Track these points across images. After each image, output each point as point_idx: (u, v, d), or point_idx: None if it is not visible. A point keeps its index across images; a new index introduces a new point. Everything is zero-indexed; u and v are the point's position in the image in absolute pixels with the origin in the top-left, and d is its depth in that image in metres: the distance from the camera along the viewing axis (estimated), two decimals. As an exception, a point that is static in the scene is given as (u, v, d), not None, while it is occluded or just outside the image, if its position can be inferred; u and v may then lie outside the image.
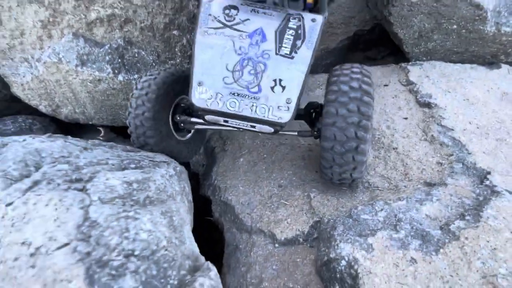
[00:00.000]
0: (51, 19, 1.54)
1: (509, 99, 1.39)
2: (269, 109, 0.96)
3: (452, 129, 1.22)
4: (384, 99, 1.60)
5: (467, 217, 0.81)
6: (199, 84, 0.98)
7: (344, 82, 0.96)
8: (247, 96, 0.96)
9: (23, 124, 2.14)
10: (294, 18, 1.00)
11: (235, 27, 1.01)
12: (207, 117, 1.00)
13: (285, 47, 0.98)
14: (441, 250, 0.74)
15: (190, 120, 1.23)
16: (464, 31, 1.70)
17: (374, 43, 2.74)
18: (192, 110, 1.25)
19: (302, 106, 1.15)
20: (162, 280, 0.49)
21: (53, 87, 1.82)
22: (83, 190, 0.59)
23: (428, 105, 1.44)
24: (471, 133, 1.19)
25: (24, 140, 0.67)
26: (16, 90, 1.92)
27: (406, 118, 1.42)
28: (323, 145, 0.95)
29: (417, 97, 1.52)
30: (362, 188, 1.10)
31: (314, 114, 1.14)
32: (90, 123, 2.03)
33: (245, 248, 1.00)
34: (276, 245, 0.98)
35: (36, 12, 1.52)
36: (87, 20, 1.52)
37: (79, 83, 1.73)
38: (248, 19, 1.02)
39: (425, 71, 1.72)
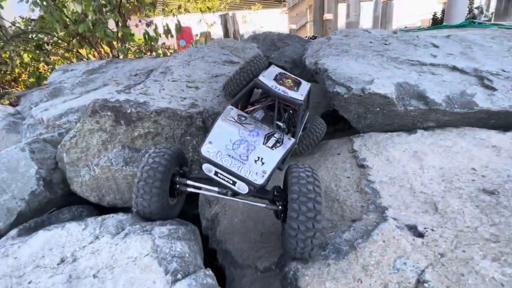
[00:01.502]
0: (108, 139, 2.36)
1: (417, 156, 1.99)
2: (250, 172, 1.32)
3: (374, 182, 1.80)
4: (336, 165, 2.23)
5: (364, 236, 1.33)
6: (210, 142, 1.38)
7: (301, 171, 1.32)
8: (238, 160, 1.34)
9: (75, 212, 2.80)
10: (279, 134, 1.56)
11: (242, 124, 1.51)
12: (204, 165, 1.35)
13: (270, 143, 1.45)
14: (346, 257, 1.25)
15: (185, 182, 1.53)
16: (385, 111, 2.42)
17: (341, 118, 3.53)
18: (185, 176, 1.59)
19: (269, 188, 1.55)
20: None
21: (103, 182, 2.54)
22: (150, 232, 1.22)
23: (363, 166, 2.05)
24: (384, 183, 1.76)
25: (113, 216, 1.34)
26: (75, 187, 2.63)
27: (348, 177, 2.02)
28: (291, 215, 1.22)
29: (357, 161, 2.14)
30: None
31: (276, 195, 1.51)
32: (125, 206, 2.69)
33: (238, 278, 1.50)
34: (258, 273, 1.48)
35: (100, 136, 2.36)
36: (131, 136, 2.33)
37: (122, 177, 2.46)
38: (250, 124, 1.53)
39: (364, 140, 2.39)
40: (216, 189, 1.44)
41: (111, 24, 6.24)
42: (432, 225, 1.33)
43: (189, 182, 1.55)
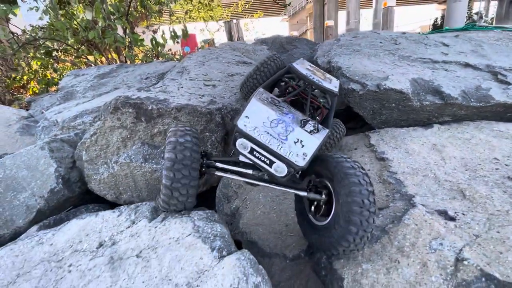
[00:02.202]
0: (128, 136, 2.39)
1: (436, 148, 2.02)
2: (290, 152, 1.17)
3: (396, 173, 1.82)
4: (354, 158, 2.25)
5: (395, 221, 1.34)
6: (246, 117, 1.22)
7: (350, 162, 1.18)
8: (276, 139, 1.19)
9: (92, 211, 2.81)
10: (313, 122, 1.38)
11: (276, 106, 1.37)
12: (239, 140, 1.18)
13: (307, 128, 1.31)
14: (379, 240, 1.26)
15: (215, 165, 1.34)
16: (400, 107, 2.46)
17: (352, 117, 3.57)
18: (208, 158, 1.41)
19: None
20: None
21: (121, 179, 2.56)
22: (188, 215, 1.24)
23: (382, 159, 2.07)
24: (407, 174, 1.78)
25: (146, 203, 1.36)
26: (93, 185, 2.65)
27: (369, 170, 2.03)
28: (354, 210, 1.07)
29: (376, 155, 2.17)
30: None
31: (314, 185, 1.36)
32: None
33: (267, 266, 1.50)
34: (287, 261, 1.49)
35: (120, 133, 2.39)
36: (151, 133, 2.37)
37: (140, 174, 2.48)
38: (284, 108, 1.38)
39: (381, 135, 2.42)
40: (250, 171, 1.29)
41: (119, 31, 6.37)
42: (462, 210, 1.34)
43: (219, 164, 1.36)
